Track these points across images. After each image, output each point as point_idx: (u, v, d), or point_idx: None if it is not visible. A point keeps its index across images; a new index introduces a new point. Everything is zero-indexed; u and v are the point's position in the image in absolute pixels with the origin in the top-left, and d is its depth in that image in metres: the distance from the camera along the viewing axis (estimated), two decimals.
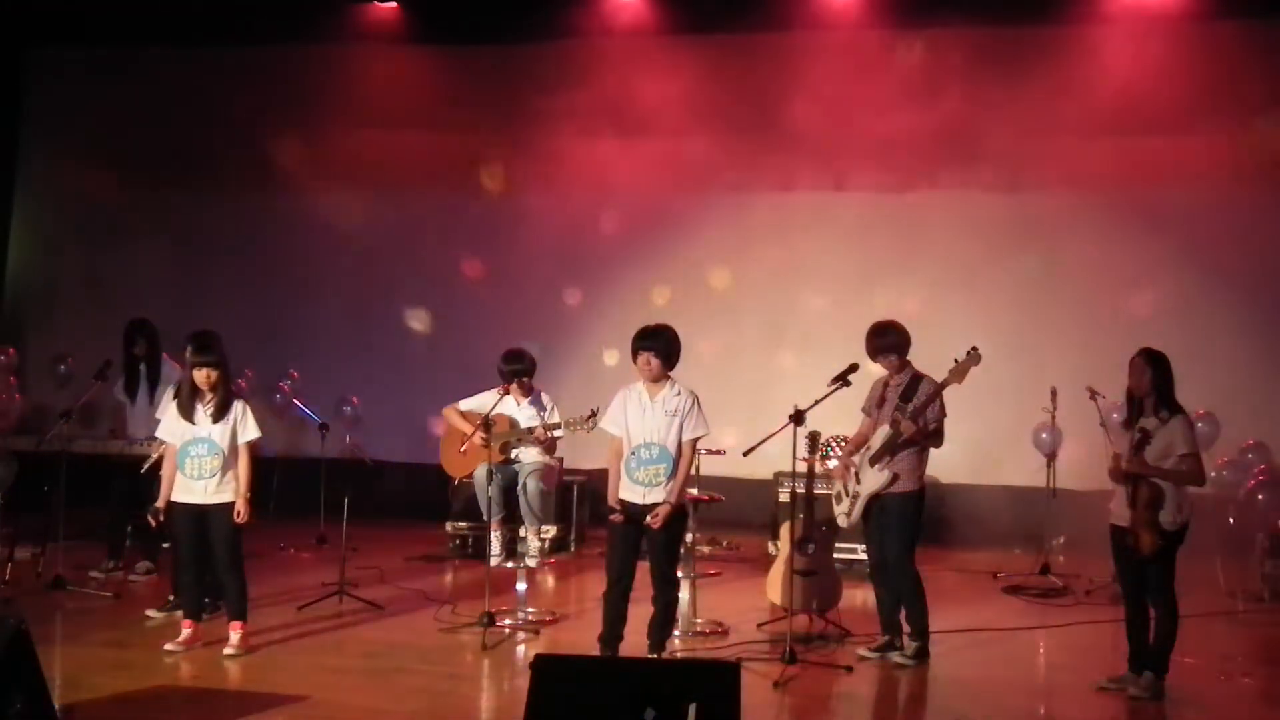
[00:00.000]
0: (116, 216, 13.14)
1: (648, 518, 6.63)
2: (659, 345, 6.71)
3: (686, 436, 6.72)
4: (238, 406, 7.09)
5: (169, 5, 12.35)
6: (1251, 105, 11.08)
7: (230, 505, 6.99)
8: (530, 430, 9.05)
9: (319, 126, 12.81)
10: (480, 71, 12.51)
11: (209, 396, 7.02)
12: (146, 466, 8.19)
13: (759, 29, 11.87)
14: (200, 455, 6.98)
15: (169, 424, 7.10)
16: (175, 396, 7.20)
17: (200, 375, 7.00)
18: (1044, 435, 9.92)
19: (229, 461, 7.01)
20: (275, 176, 12.88)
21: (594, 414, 8.29)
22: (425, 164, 12.70)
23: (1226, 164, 11.16)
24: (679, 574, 7.02)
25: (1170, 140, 11.23)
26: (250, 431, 7.09)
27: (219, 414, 7.01)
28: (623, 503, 6.73)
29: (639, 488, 6.70)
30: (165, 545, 8.85)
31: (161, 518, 7.19)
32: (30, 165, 13.57)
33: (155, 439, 8.48)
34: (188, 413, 7.01)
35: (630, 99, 12.12)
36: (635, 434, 6.74)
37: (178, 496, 7.04)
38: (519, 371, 9.18)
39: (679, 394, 6.76)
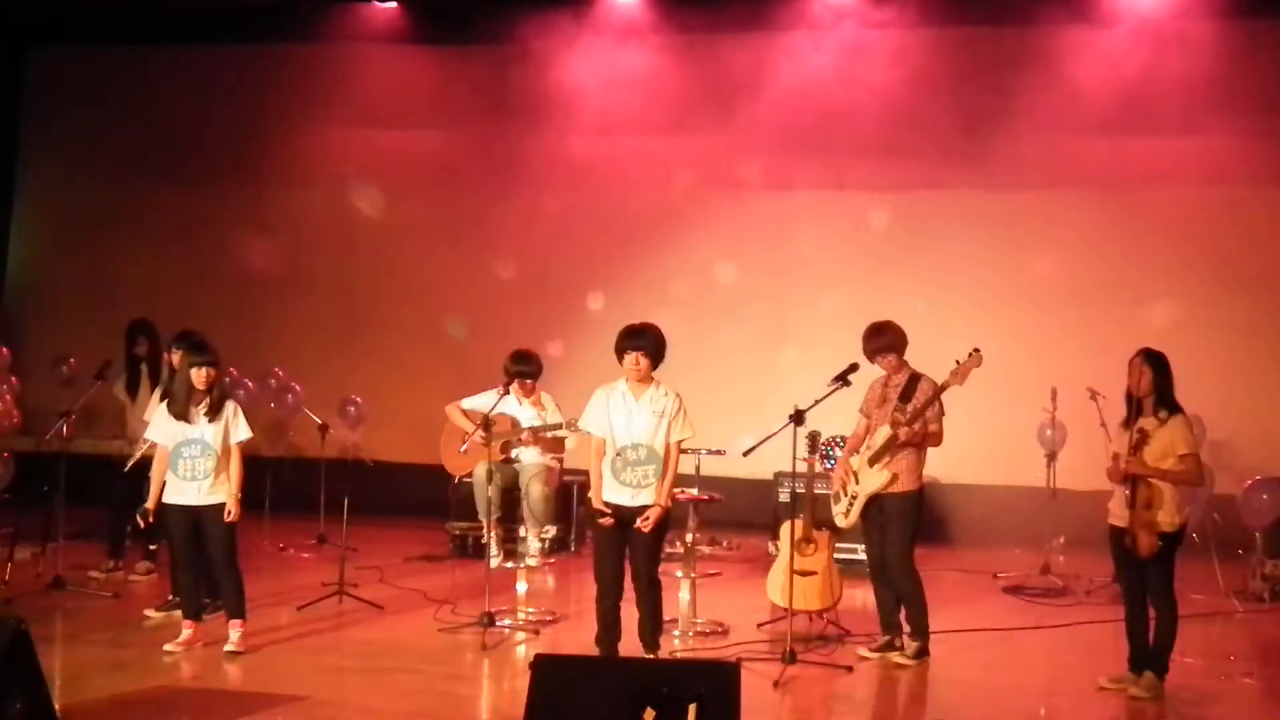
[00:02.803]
0: (117, 216, 13.13)
1: (637, 521, 6.55)
2: (647, 344, 6.61)
3: (673, 438, 6.63)
4: (229, 406, 7.10)
5: (169, 5, 12.35)
6: (1252, 105, 11.08)
7: (224, 506, 6.98)
8: (530, 430, 9.04)
9: (319, 126, 12.80)
10: (478, 71, 12.51)
11: (204, 396, 7.02)
12: (130, 465, 8.19)
13: (760, 28, 11.87)
14: (193, 456, 6.96)
15: (159, 425, 7.08)
16: (164, 398, 7.21)
17: (199, 375, 6.99)
18: (1048, 432, 9.92)
19: (222, 462, 7.00)
20: (276, 176, 12.88)
21: None
22: (425, 163, 12.70)
23: (1227, 163, 11.17)
24: (660, 575, 6.90)
25: (1170, 140, 11.23)
26: (242, 432, 7.08)
27: (213, 414, 7.01)
28: (610, 505, 6.62)
29: (627, 490, 6.58)
30: (153, 547, 8.89)
31: (151, 519, 7.17)
32: (30, 165, 13.57)
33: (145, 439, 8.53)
34: (184, 413, 7.00)
35: (630, 98, 12.12)
36: (620, 435, 6.61)
37: (170, 498, 7.02)
38: (524, 373, 9.18)
39: (665, 394, 6.66)
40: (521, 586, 8.19)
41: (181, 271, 12.82)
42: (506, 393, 8.52)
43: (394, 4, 12.71)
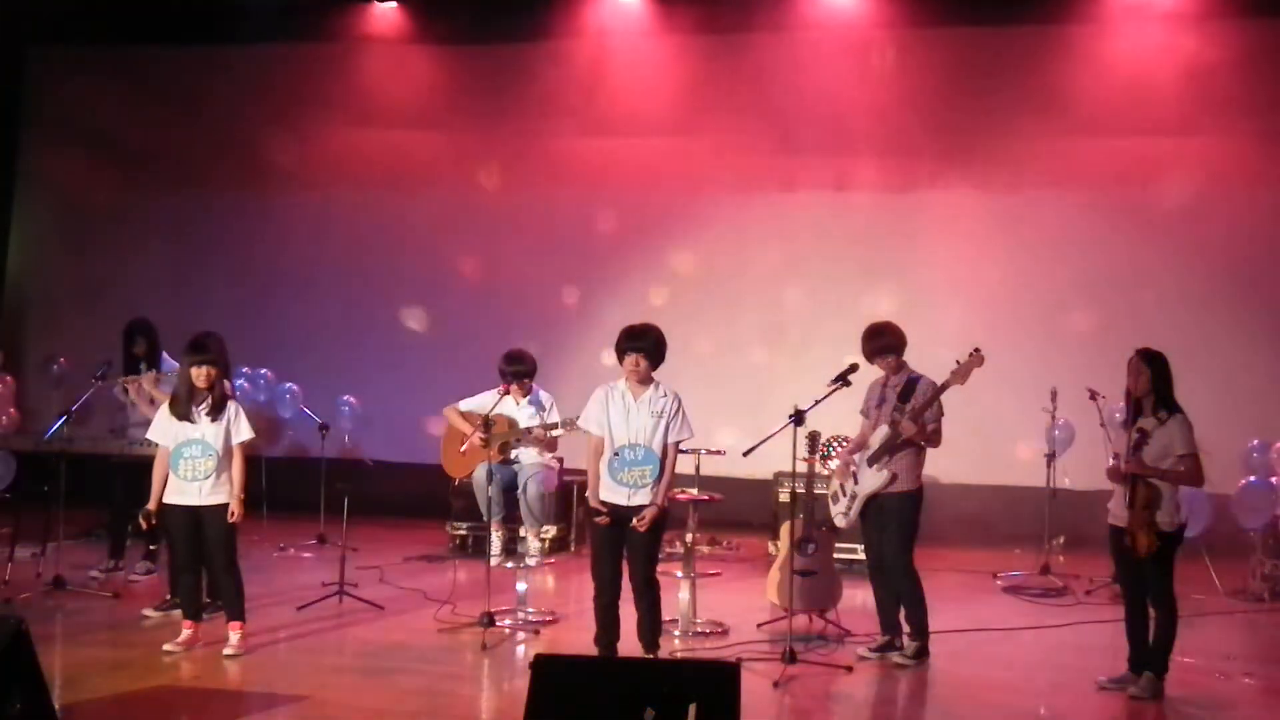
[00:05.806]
0: (116, 216, 13.14)
1: (633, 520, 6.54)
2: (647, 346, 6.61)
3: (671, 439, 6.62)
4: (231, 407, 7.07)
5: (169, 5, 12.35)
6: (1251, 104, 11.08)
7: (225, 506, 6.97)
8: (529, 430, 9.07)
9: (319, 126, 12.81)
10: (479, 71, 12.51)
11: (205, 396, 7.02)
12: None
13: (759, 29, 11.88)
14: (194, 457, 6.94)
15: (161, 425, 7.05)
16: (170, 398, 7.18)
17: (200, 374, 6.97)
18: (1056, 432, 9.92)
19: (223, 463, 6.98)
20: (275, 176, 12.89)
21: None
22: (424, 163, 12.70)
23: (1226, 163, 11.18)
24: (659, 575, 6.88)
25: (1170, 140, 11.24)
26: (244, 432, 7.06)
27: (214, 413, 7.00)
28: (607, 504, 6.62)
29: (624, 489, 6.58)
30: (153, 547, 8.88)
31: (154, 520, 7.16)
32: (30, 165, 13.57)
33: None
34: (185, 413, 6.99)
35: (630, 99, 12.13)
36: (619, 434, 6.62)
37: (171, 499, 7.00)
38: (520, 372, 9.20)
39: (665, 395, 6.66)
40: (521, 586, 8.19)
41: (181, 271, 12.82)
42: (506, 393, 8.54)
43: (393, 4, 12.71)
